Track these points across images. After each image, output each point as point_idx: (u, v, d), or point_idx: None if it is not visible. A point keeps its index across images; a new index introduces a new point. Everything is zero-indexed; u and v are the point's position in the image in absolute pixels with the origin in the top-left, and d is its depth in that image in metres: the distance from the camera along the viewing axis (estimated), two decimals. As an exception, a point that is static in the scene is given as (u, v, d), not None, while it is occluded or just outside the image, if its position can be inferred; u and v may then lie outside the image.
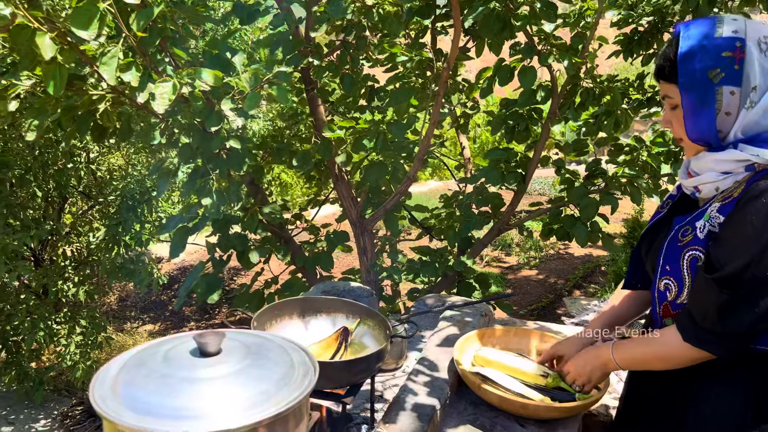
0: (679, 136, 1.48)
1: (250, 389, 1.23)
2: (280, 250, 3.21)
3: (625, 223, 8.60)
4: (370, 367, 1.71)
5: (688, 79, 1.37)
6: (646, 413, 1.68)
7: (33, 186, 4.86)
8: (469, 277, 3.61)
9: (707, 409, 1.48)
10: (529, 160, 3.37)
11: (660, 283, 1.54)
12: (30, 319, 5.32)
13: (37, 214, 5.01)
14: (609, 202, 3.53)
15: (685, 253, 1.46)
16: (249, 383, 1.24)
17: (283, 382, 1.27)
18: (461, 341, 2.11)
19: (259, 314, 1.86)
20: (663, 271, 1.52)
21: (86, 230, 5.48)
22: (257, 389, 1.23)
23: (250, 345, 1.36)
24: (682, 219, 1.51)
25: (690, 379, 1.51)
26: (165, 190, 2.85)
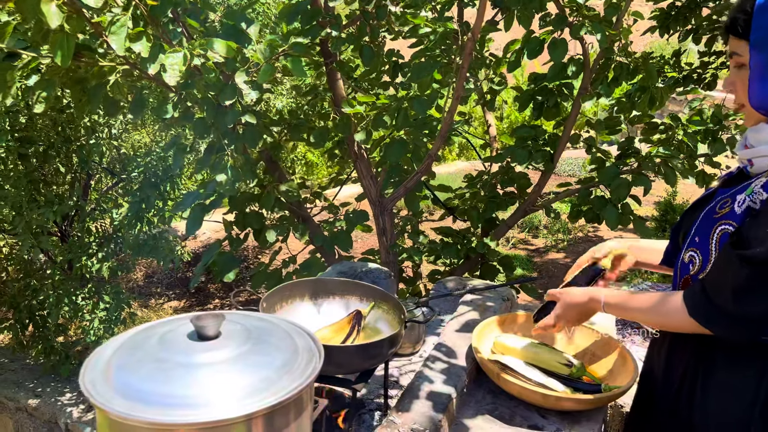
0: (740, 101, 1.35)
1: (249, 376, 1.15)
2: (298, 229, 3.13)
3: (657, 206, 8.35)
4: (382, 353, 1.62)
5: (762, 35, 1.23)
6: (655, 406, 1.59)
7: (57, 162, 4.86)
8: (493, 259, 3.50)
9: (714, 403, 1.40)
10: (557, 138, 3.22)
11: (685, 254, 1.44)
12: (55, 294, 5.37)
13: (61, 189, 5.01)
14: (641, 183, 3.37)
15: (717, 226, 1.35)
16: (248, 370, 1.17)
17: (285, 369, 1.19)
18: (480, 327, 2.02)
19: (269, 295, 1.78)
20: (691, 242, 1.43)
21: (110, 207, 5.48)
22: (256, 376, 1.16)
23: (252, 329, 1.28)
24: (726, 191, 1.39)
25: (697, 373, 1.43)
26: (180, 165, 2.79)
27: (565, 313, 1.65)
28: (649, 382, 1.67)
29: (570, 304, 1.64)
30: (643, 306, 1.47)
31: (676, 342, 1.51)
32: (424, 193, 3.71)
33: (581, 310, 1.63)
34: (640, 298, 1.49)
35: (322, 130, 2.81)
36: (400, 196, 2.99)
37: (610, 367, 1.94)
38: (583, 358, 2.01)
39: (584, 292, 1.63)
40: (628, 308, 1.52)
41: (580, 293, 1.63)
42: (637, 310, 1.50)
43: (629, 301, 1.51)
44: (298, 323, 1.39)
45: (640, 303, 1.48)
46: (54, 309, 5.36)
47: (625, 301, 1.53)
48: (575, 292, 1.65)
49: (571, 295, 1.64)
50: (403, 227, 3.67)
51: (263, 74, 2.27)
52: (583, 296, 1.61)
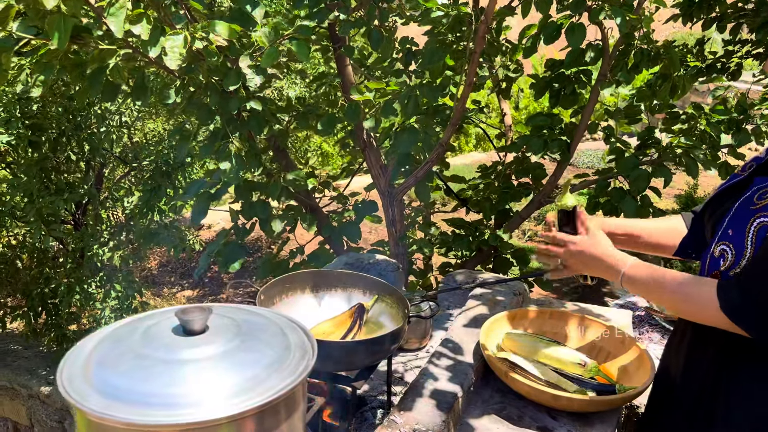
0: None
1: (236, 374, 1.08)
2: (306, 219, 3.06)
3: (677, 199, 8.17)
4: (383, 349, 1.54)
5: None
6: (671, 409, 1.50)
7: (68, 150, 4.83)
8: (506, 251, 3.40)
9: (740, 415, 1.31)
10: (575, 127, 3.11)
11: (716, 248, 1.32)
12: (67, 282, 5.37)
13: (72, 178, 4.99)
14: (662, 175, 3.24)
15: (755, 219, 1.24)
16: (235, 367, 1.10)
17: (275, 366, 1.12)
18: (489, 323, 1.93)
19: (267, 287, 1.71)
20: (723, 236, 1.31)
21: (122, 195, 5.46)
22: (244, 374, 1.09)
23: (242, 323, 1.21)
24: (764, 180, 1.28)
25: (720, 379, 1.34)
26: (185, 153, 2.73)
27: (577, 260, 1.50)
28: (665, 383, 1.58)
29: (588, 255, 1.46)
30: (670, 288, 1.33)
31: (696, 343, 1.41)
32: (435, 183, 3.62)
33: (594, 267, 1.48)
34: (667, 278, 1.34)
35: (330, 118, 2.73)
36: (410, 185, 2.90)
37: (626, 367, 1.85)
38: (596, 356, 1.92)
39: (609, 253, 1.44)
40: (652, 288, 1.37)
41: (604, 252, 1.45)
42: (661, 291, 1.35)
43: (655, 279, 1.35)
44: (292, 317, 1.32)
45: (667, 283, 1.33)
46: (65, 297, 5.36)
47: (650, 277, 1.36)
48: (601, 244, 1.46)
49: (594, 247, 1.46)
50: (414, 218, 3.59)
51: (267, 58, 2.19)
52: (605, 256, 1.44)
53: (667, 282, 1.34)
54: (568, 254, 1.51)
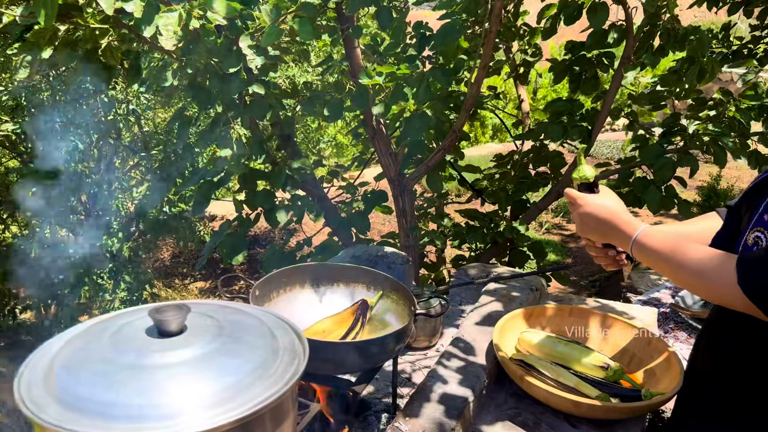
0: None
1: (214, 382, 0.96)
2: (313, 210, 2.93)
3: (699, 191, 7.93)
4: (386, 351, 1.41)
5: None
6: (705, 412, 1.35)
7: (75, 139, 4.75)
8: (523, 244, 3.25)
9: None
10: (596, 113, 2.94)
11: (749, 235, 1.19)
12: (75, 273, 5.31)
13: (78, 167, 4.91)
14: (688, 164, 3.06)
15: None
16: (213, 373, 0.97)
17: (259, 372, 1.00)
18: (503, 321, 1.79)
19: (263, 282, 1.59)
20: (758, 222, 1.19)
21: (132, 185, 5.38)
22: (224, 382, 0.96)
23: (224, 323, 1.09)
24: None
25: (756, 374, 1.21)
26: (186, 139, 2.61)
27: (585, 222, 1.33)
28: (695, 385, 1.44)
29: (596, 218, 1.30)
30: (683, 258, 1.17)
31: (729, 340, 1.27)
32: (449, 173, 3.47)
33: (603, 231, 1.31)
34: (681, 248, 1.19)
35: (337, 103, 2.59)
36: (421, 175, 2.76)
37: (652, 370, 1.70)
38: (620, 358, 1.77)
39: (620, 216, 1.28)
40: (663, 258, 1.20)
41: (614, 214, 1.29)
42: (673, 262, 1.19)
43: (669, 248, 1.20)
44: (283, 316, 1.19)
45: (680, 253, 1.18)
46: (74, 288, 5.31)
47: (663, 246, 1.21)
48: (611, 206, 1.30)
49: (603, 209, 1.30)
50: (426, 209, 3.45)
51: (267, 37, 2.06)
52: (615, 219, 1.28)
53: (679, 251, 1.19)
54: (576, 215, 1.35)
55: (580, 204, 1.33)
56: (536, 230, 7.26)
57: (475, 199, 3.83)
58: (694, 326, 2.41)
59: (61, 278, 5.33)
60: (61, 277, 5.31)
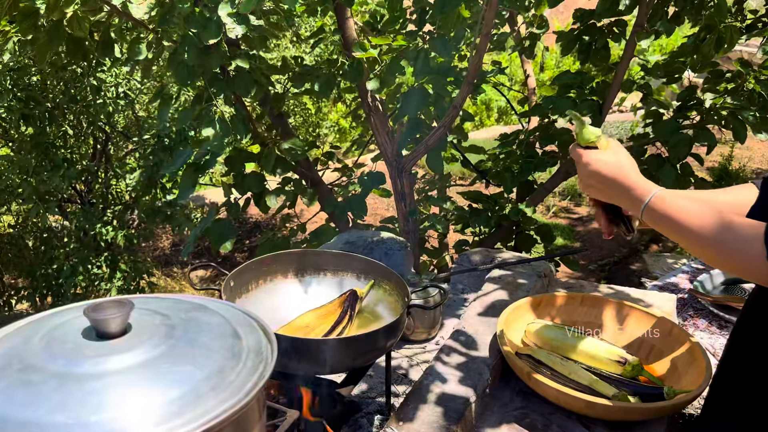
0: None
1: (159, 393, 0.80)
2: (306, 194, 2.76)
3: (710, 172, 7.71)
4: (375, 348, 1.25)
5: None
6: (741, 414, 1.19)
7: (65, 124, 4.59)
8: (529, 227, 3.07)
9: None
10: (607, 86, 2.75)
11: None
12: (70, 262, 5.18)
13: (68, 153, 4.75)
14: (705, 140, 2.88)
15: None
16: (158, 383, 0.81)
17: (215, 381, 0.83)
18: (509, 311, 1.62)
19: (239, 272, 1.42)
20: None
21: (125, 171, 5.22)
22: (170, 394, 0.80)
23: (177, 322, 0.92)
24: None
25: None
26: (166, 118, 2.45)
27: (591, 182, 1.16)
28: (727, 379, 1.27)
29: (604, 177, 1.13)
30: (702, 225, 1.01)
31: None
32: (450, 153, 3.29)
33: (611, 192, 1.14)
34: (705, 216, 1.02)
35: (328, 78, 2.41)
36: (421, 154, 2.58)
37: (675, 364, 1.53)
38: (638, 351, 1.61)
39: (630, 176, 1.12)
40: (679, 225, 1.04)
41: (624, 174, 1.12)
42: (692, 231, 1.03)
43: (686, 214, 1.04)
44: (251, 312, 1.02)
45: (697, 219, 1.02)
46: (69, 278, 5.18)
47: (679, 212, 1.05)
48: (622, 165, 1.13)
49: (612, 167, 1.12)
50: (427, 192, 3.27)
51: (247, 2, 1.88)
52: (625, 179, 1.11)
53: (700, 219, 1.02)
54: (582, 173, 1.17)
55: (585, 161, 1.15)
56: (543, 214, 7.07)
57: (479, 181, 3.65)
58: (715, 313, 2.23)
59: (54, 268, 5.20)
60: (54, 267, 5.19)
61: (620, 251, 6.21)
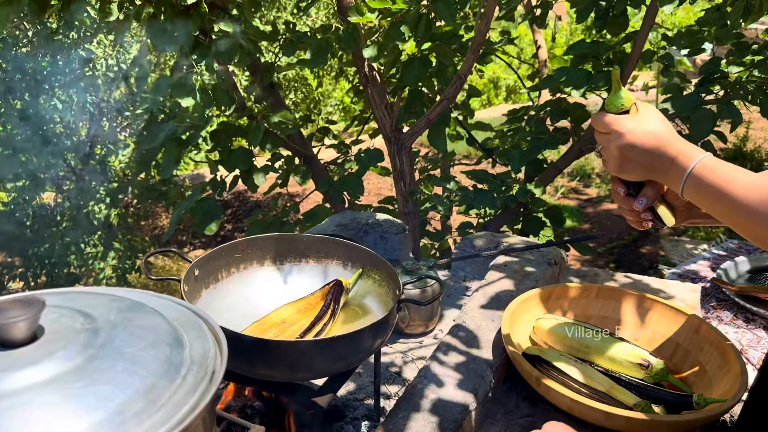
0: None
1: (65, 423, 0.62)
2: (299, 172, 2.58)
3: (723, 152, 7.46)
4: (360, 349, 1.07)
5: None
6: None
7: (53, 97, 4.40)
8: (538, 210, 2.88)
9: None
10: (625, 56, 2.53)
11: None
12: (62, 242, 5.04)
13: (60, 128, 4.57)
14: (729, 116, 2.67)
15: None
16: (67, 408, 0.63)
17: (140, 404, 0.65)
18: (515, 304, 1.44)
19: (206, 259, 1.24)
20: None
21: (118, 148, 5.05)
22: (79, 423, 0.62)
23: (104, 325, 0.74)
24: None
25: None
26: (144, 85, 2.27)
27: (621, 154, 0.96)
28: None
29: (639, 150, 0.94)
30: (759, 195, 0.84)
31: None
32: (455, 130, 3.09)
33: (645, 164, 0.95)
34: (756, 183, 0.85)
35: (322, 45, 2.21)
36: (422, 130, 2.39)
37: (704, 367, 1.35)
38: (661, 351, 1.42)
39: (674, 145, 0.93)
40: (732, 197, 0.87)
41: (665, 140, 0.93)
42: (741, 199, 0.86)
43: (736, 178, 0.87)
44: (201, 311, 0.84)
45: (755, 189, 0.85)
46: (61, 257, 5.05)
47: (729, 175, 0.88)
48: (660, 134, 0.94)
49: (649, 137, 0.93)
50: (430, 171, 3.08)
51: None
52: (666, 146, 0.93)
53: (748, 188, 0.85)
54: (613, 148, 0.96)
55: (620, 131, 0.94)
56: (551, 195, 6.87)
57: (485, 160, 3.45)
58: (740, 305, 2.05)
59: (46, 247, 5.06)
60: (46, 246, 5.05)
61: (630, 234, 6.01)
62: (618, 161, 0.97)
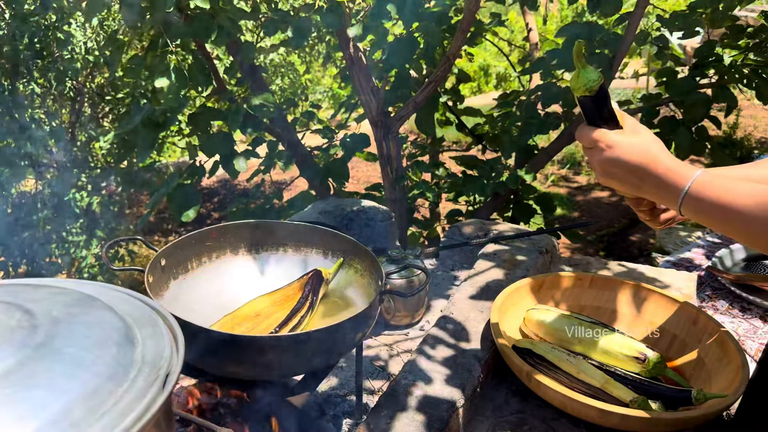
0: None
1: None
2: (282, 157, 2.49)
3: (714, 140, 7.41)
4: (339, 344, 0.99)
5: None
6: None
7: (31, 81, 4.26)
8: (528, 197, 2.81)
9: None
10: (619, 38, 2.45)
11: None
12: (43, 230, 4.92)
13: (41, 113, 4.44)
14: (724, 100, 2.61)
15: None
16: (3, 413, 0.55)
17: (79, 412, 0.58)
18: (505, 295, 1.37)
19: (174, 247, 1.15)
20: None
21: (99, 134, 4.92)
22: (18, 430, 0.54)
23: (44, 321, 0.66)
24: None
25: None
26: (117, 66, 2.18)
27: (612, 170, 0.89)
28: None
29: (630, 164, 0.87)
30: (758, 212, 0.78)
31: None
32: (443, 114, 3.00)
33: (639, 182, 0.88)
34: (758, 192, 0.79)
35: (304, 23, 2.11)
36: (409, 114, 2.31)
37: (702, 360, 1.29)
38: (657, 343, 1.36)
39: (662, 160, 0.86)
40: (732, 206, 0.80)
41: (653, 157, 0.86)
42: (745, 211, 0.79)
43: (735, 190, 0.81)
44: (157, 305, 0.76)
45: (757, 197, 0.78)
46: (42, 246, 4.94)
47: (727, 189, 0.81)
48: (647, 149, 0.87)
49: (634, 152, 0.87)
50: (418, 156, 3.00)
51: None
52: (655, 164, 0.86)
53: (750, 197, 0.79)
54: (600, 160, 0.89)
55: (604, 146, 0.87)
56: (541, 183, 6.81)
57: (475, 147, 3.37)
58: (736, 294, 1.99)
59: (26, 235, 4.95)
60: (26, 235, 4.93)
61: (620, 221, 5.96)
62: (604, 175, 0.90)
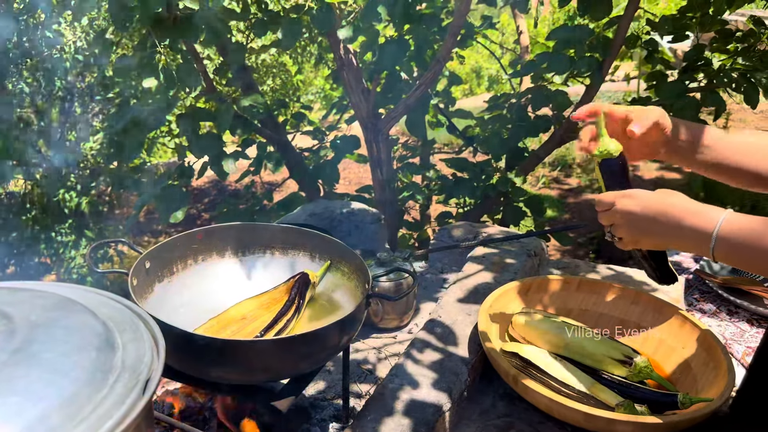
0: None
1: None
2: (272, 158, 2.48)
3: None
4: (325, 347, 0.99)
5: None
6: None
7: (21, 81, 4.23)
8: (518, 199, 2.81)
9: None
10: (609, 41, 2.46)
11: None
12: (32, 230, 4.89)
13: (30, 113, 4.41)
14: (713, 103, 2.62)
15: None
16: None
17: (56, 419, 0.57)
18: (493, 298, 1.36)
19: (159, 249, 1.14)
20: None
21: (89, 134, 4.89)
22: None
23: (22, 324, 0.65)
24: None
25: None
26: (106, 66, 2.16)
27: (632, 228, 0.93)
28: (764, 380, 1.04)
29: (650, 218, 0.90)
30: None
31: None
32: (433, 115, 3.01)
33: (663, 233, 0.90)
34: None
35: (294, 24, 2.10)
36: (399, 115, 2.30)
37: (688, 363, 1.29)
38: (643, 346, 1.36)
39: (687, 207, 0.88)
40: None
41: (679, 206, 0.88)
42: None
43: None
44: (139, 309, 0.75)
45: None
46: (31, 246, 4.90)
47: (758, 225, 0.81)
48: (670, 199, 0.90)
49: (659, 203, 0.90)
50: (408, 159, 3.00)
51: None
52: (682, 212, 0.87)
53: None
54: (621, 212, 0.92)
55: (623, 197, 0.91)
56: (532, 185, 6.82)
57: (466, 149, 3.37)
58: (723, 297, 2.00)
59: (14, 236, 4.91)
60: (14, 235, 4.89)
61: (611, 224, 5.99)
62: (627, 230, 0.92)
